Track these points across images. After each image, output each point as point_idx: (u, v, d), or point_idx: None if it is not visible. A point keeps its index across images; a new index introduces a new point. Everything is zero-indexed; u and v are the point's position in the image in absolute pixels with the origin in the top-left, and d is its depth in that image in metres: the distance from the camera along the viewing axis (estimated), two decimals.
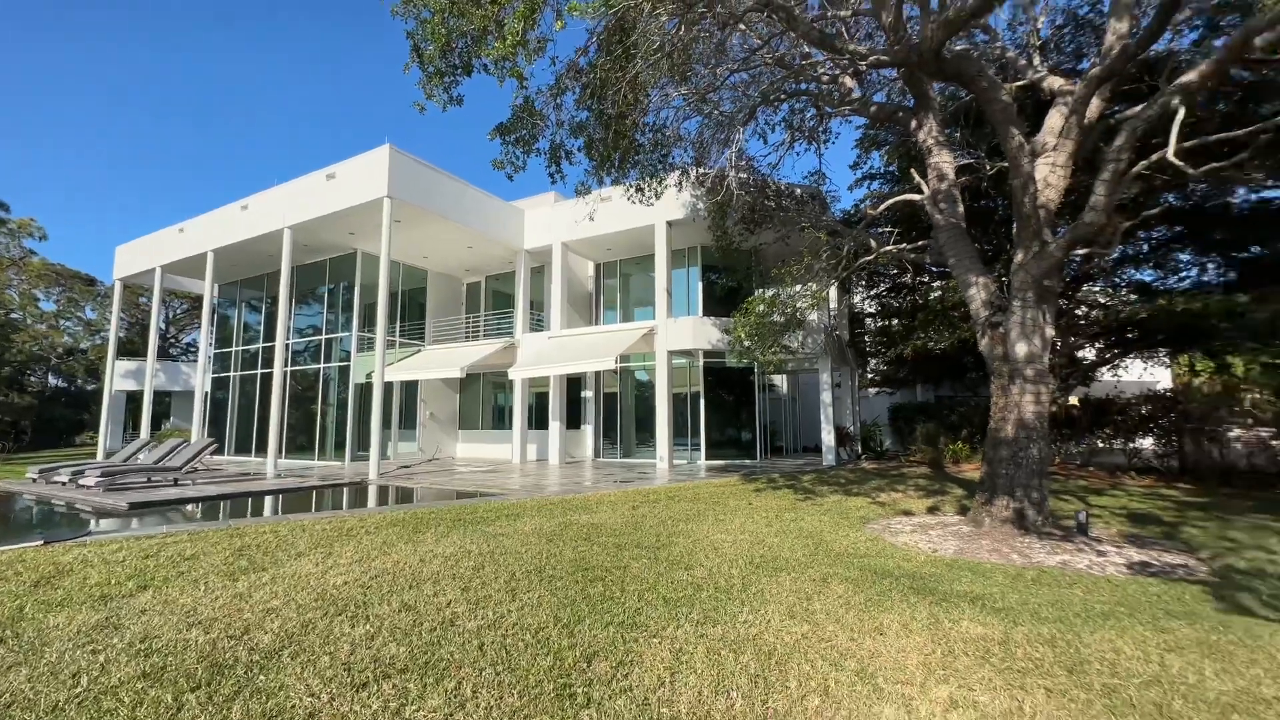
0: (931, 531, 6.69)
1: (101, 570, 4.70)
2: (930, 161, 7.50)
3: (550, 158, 8.17)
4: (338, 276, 17.71)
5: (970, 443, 15.26)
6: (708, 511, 7.78)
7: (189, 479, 11.55)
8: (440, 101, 6.52)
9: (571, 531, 6.35)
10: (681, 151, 10.29)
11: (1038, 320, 6.55)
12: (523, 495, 9.38)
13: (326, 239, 16.09)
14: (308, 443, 17.67)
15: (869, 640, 3.47)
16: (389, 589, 4.27)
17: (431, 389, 19.07)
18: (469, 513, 7.35)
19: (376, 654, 3.16)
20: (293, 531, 6.18)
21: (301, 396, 18.15)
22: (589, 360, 14.03)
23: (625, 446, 17.19)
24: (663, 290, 14.87)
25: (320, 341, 17.90)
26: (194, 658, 3.08)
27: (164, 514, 8.70)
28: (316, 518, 7.11)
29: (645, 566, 4.97)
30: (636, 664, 3.10)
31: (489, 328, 19.07)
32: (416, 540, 5.83)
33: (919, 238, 11.72)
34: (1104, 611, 4.00)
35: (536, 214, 17.30)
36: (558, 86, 7.35)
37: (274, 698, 2.70)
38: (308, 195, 14.62)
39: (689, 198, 13.27)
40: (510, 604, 3.98)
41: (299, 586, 4.30)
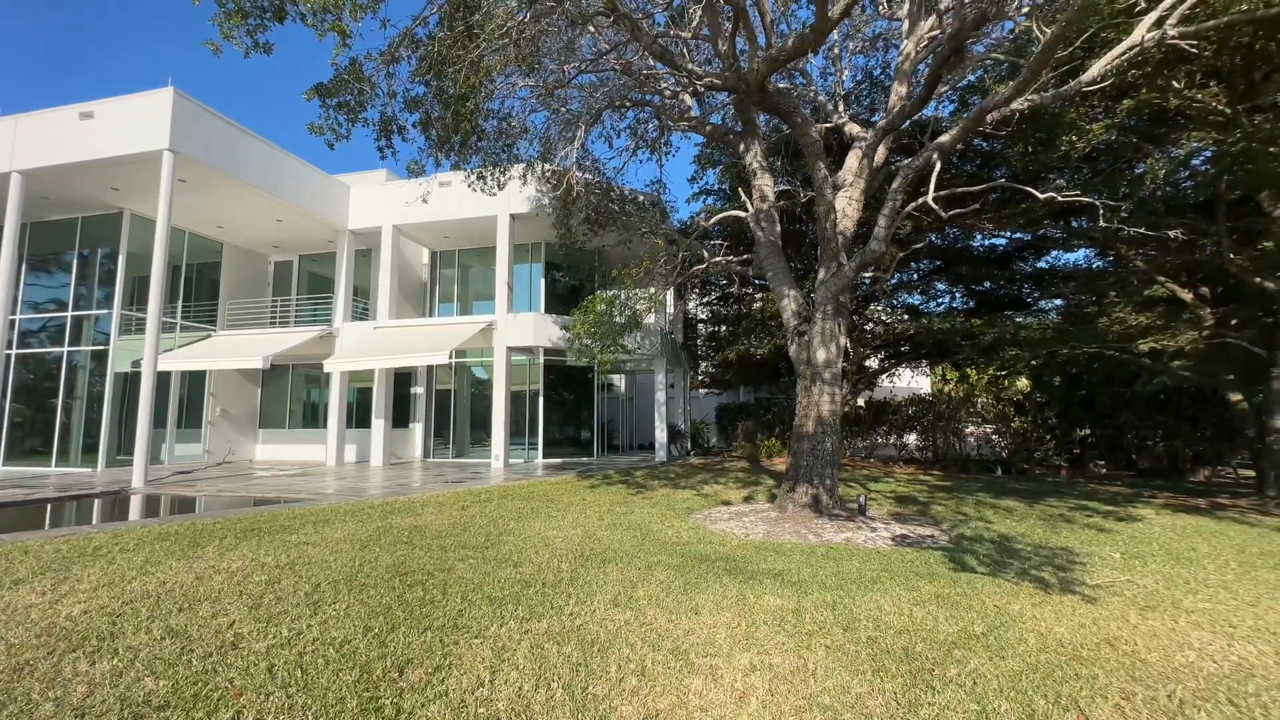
0: (745, 518, 7.37)
1: None
2: (754, 183, 8.29)
3: (380, 130, 7.49)
4: (94, 241, 14.36)
5: (782, 439, 17.15)
6: (541, 509, 7.73)
7: None
8: (242, 45, 5.60)
9: (390, 536, 5.88)
10: (527, 145, 10.12)
11: (834, 330, 7.57)
12: (336, 500, 8.47)
13: (78, 192, 12.99)
14: (44, 445, 14.06)
15: (685, 620, 3.71)
16: (149, 615, 3.57)
17: (225, 381, 16.35)
18: (266, 521, 6.44)
19: (125, 692, 2.62)
20: (7, 555, 4.87)
21: (35, 387, 14.40)
22: (421, 353, 13.13)
23: (459, 446, 16.39)
24: (504, 284, 14.47)
25: (66, 319, 14.37)
26: None
27: None
28: (48, 536, 5.70)
29: (472, 567, 4.78)
30: (455, 667, 2.97)
31: (302, 314, 16.93)
32: (193, 555, 4.95)
33: (745, 252, 12.89)
34: (872, 578, 4.75)
35: (365, 191, 15.76)
36: (390, 54, 6.76)
37: None
38: (52, 135, 11.65)
39: (534, 192, 13.09)
40: (311, 618, 3.56)
41: (13, 622, 3.41)
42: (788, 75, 10.48)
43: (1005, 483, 11.45)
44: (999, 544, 6.04)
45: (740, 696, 2.75)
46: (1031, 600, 4.19)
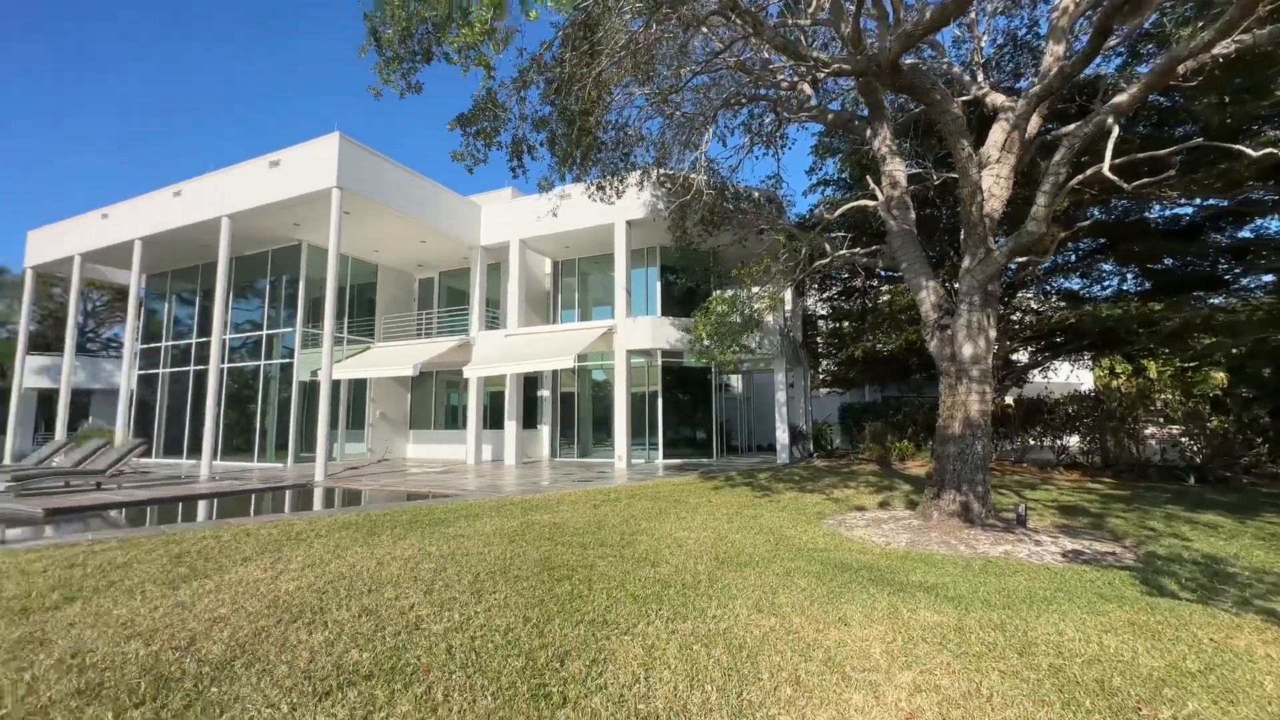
0: (884, 525, 6.94)
1: (19, 582, 4.31)
2: (884, 169, 7.79)
3: (512, 152, 8.03)
4: (280, 269, 16.85)
5: (915, 441, 15.95)
6: (669, 510, 7.83)
7: (114, 482, 10.76)
8: (398, 88, 6.30)
9: (534, 531, 6.26)
10: (643, 151, 10.33)
11: (982, 323, 6.90)
12: (480, 496, 9.19)
13: (268, 229, 15.31)
14: (246, 444, 16.75)
15: (834, 631, 3.57)
16: (346, 593, 4.10)
17: (382, 387, 18.43)
18: (426, 514, 7.14)
19: (339, 660, 3.03)
20: (236, 537, 5.84)
21: (239, 395, 17.19)
22: (546, 359, 13.88)
23: (582, 446, 17.09)
24: (622, 289, 14.87)
25: (261, 337, 17.01)
26: (135, 671, 2.87)
27: (86, 521, 8.06)
28: (261, 522, 6.75)
29: (612, 564, 4.96)
30: (610, 662, 3.09)
31: (443, 325, 18.59)
32: (372, 543, 5.62)
33: (870, 243, 12.17)
34: (1046, 597, 4.26)
35: (494, 210, 16.98)
36: (522, 80, 7.24)
37: (229, 710, 2.54)
38: (249, 182, 13.86)
39: (649, 197, 13.32)
40: (476, 605, 3.89)
41: (247, 593, 4.07)
42: (916, 50, 9.75)
43: (1201, 493, 9.74)
44: (1205, 566, 5.15)
45: (907, 718, 2.59)
46: (1261, 636, 3.53)
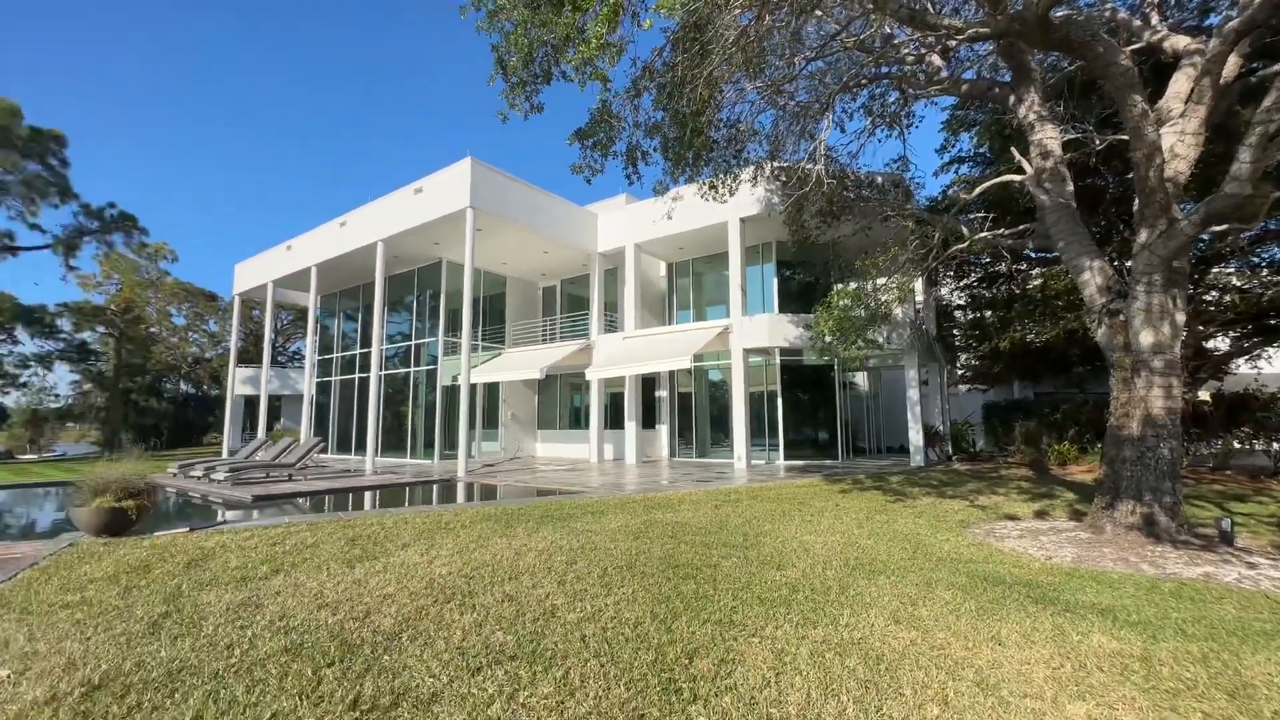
0: (1043, 537, 6.20)
1: (239, 555, 5.20)
2: (1033, 138, 6.96)
3: (627, 159, 8.27)
4: (424, 285, 18.74)
5: (1078, 442, 14.06)
6: (793, 512, 7.59)
7: (301, 474, 12.59)
8: (522, 110, 6.76)
9: (657, 529, 6.38)
10: (756, 146, 10.12)
11: (1166, 306, 5.92)
12: (604, 494, 9.53)
13: (414, 250, 17.07)
14: (399, 442, 18.81)
15: (986, 650, 3.25)
16: (490, 580, 4.45)
17: (512, 390, 19.78)
18: (555, 510, 7.55)
19: (486, 640, 3.31)
20: (396, 524, 6.58)
21: (393, 398, 19.34)
22: (663, 360, 14.07)
23: (700, 446, 17.10)
24: (737, 288, 14.68)
25: (409, 346, 19.02)
26: (326, 636, 3.35)
27: (282, 506, 9.51)
28: (415, 512, 7.54)
29: (736, 565, 4.92)
30: (739, 663, 3.07)
31: (565, 330, 19.55)
32: (510, 535, 6.05)
33: (1015, 222, 10.94)
34: (1266, 630, 3.56)
35: (609, 217, 17.56)
36: (635, 89, 7.43)
37: (399, 676, 2.88)
38: (398, 209, 15.57)
39: (763, 192, 13.03)
40: (606, 598, 4.04)
41: (409, 575, 4.57)
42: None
43: None
44: None
45: None
46: None
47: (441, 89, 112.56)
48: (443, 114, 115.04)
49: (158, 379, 34.31)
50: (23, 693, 2.73)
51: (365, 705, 2.61)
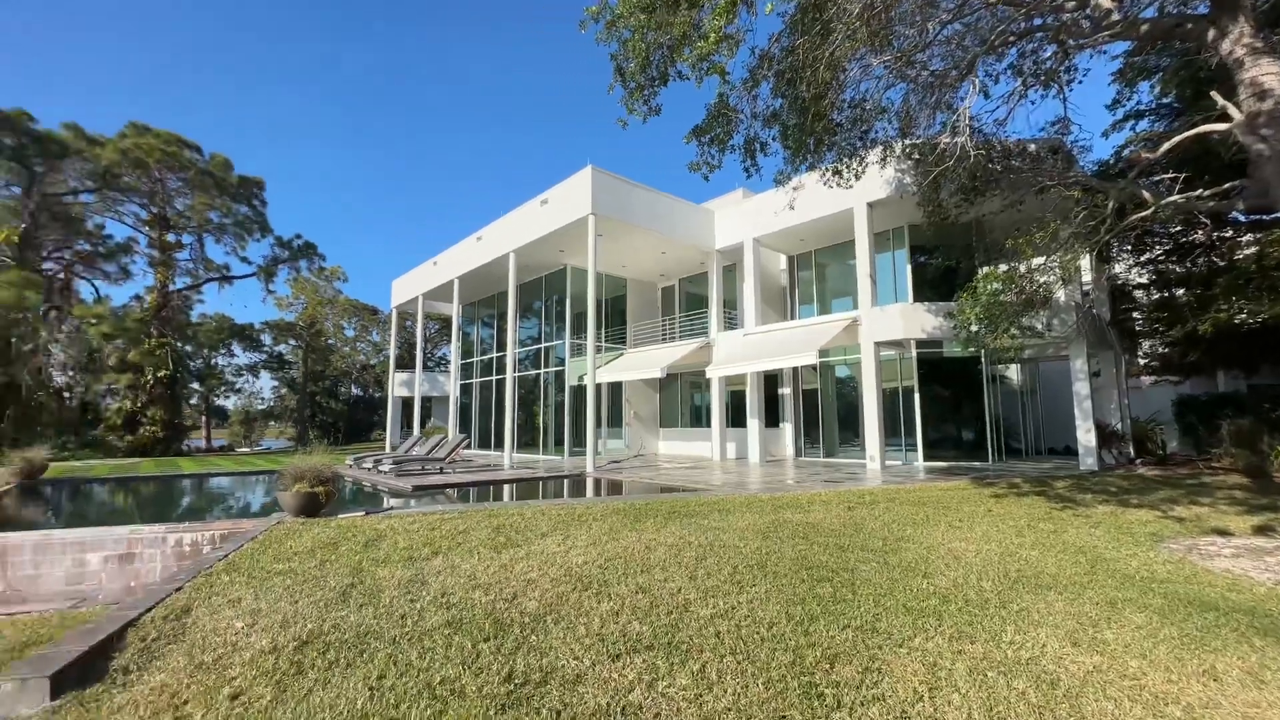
0: (1269, 557, 5.13)
1: (405, 538, 5.85)
2: (1242, 77, 5.78)
3: (745, 152, 8.12)
4: (550, 291, 19.83)
5: None
6: (938, 516, 6.99)
7: (450, 468, 13.89)
8: (641, 114, 6.91)
9: (786, 529, 6.20)
10: (884, 124, 9.45)
11: None
12: (727, 492, 9.44)
13: (542, 258, 18.12)
14: (531, 439, 20.07)
15: (1196, 685, 2.77)
16: (623, 571, 4.60)
17: (634, 389, 20.29)
18: (682, 506, 7.62)
19: (624, 629, 3.42)
20: (534, 515, 7.02)
21: (525, 399, 20.68)
22: (786, 356, 13.62)
23: (828, 445, 16.33)
24: (865, 278, 13.81)
25: (539, 349, 20.23)
26: (481, 614, 3.66)
27: (434, 495, 10.56)
28: (550, 504, 7.99)
29: (875, 570, 4.63)
30: (885, 674, 2.88)
31: (684, 329, 19.66)
32: (639, 529, 6.20)
33: (1216, 181, 9.18)
34: None
35: (726, 213, 17.37)
36: (752, 79, 7.27)
37: (546, 656, 3.07)
38: (526, 221, 16.63)
39: (893, 174, 12.14)
40: (738, 596, 4.00)
41: (548, 563, 4.86)
42: None
43: None
44: None
45: None
46: None
47: (557, 100, 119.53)
48: (564, 124, 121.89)
49: (335, 383, 39.73)
50: (253, 641, 3.29)
51: (518, 679, 2.82)
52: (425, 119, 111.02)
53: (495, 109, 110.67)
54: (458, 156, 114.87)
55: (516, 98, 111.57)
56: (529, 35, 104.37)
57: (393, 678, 2.85)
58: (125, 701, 2.74)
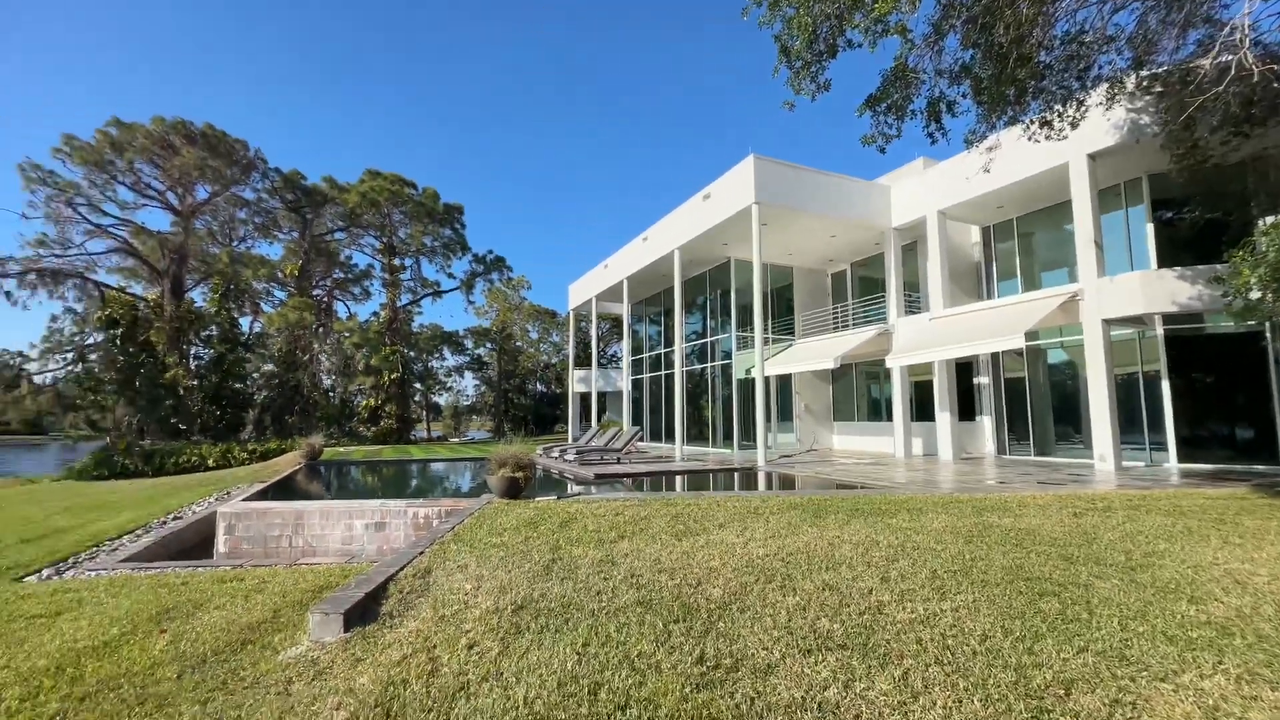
0: None
1: (593, 521, 6.32)
2: None
3: (928, 116, 7.32)
4: (715, 285, 19.89)
5: None
6: (1206, 530, 5.66)
7: (626, 459, 14.68)
8: (809, 93, 6.59)
9: (994, 534, 5.49)
10: (1110, 57, 7.87)
11: None
12: (916, 490, 8.64)
13: (705, 252, 18.26)
14: (700, 433, 20.33)
15: None
16: (806, 566, 4.46)
17: (804, 381, 19.53)
18: (865, 504, 7.15)
19: (813, 625, 3.32)
20: (710, 506, 7.12)
21: (693, 393, 21.02)
22: (983, 341, 12.02)
23: (1039, 442, 14.10)
24: (1087, 244, 11.62)
25: (704, 344, 20.42)
26: (669, 596, 3.82)
27: (613, 484, 11.23)
28: (724, 496, 8.04)
29: (1119, 589, 3.90)
30: (1144, 710, 2.43)
31: (858, 316, 18.40)
32: (820, 525, 5.97)
33: None
34: None
35: (903, 187, 15.86)
36: (936, 32, 6.53)
37: (735, 643, 3.10)
38: (690, 217, 16.88)
39: (1124, 115, 10.08)
40: (940, 603, 3.66)
41: (728, 553, 4.90)
42: None
43: None
44: None
45: None
46: None
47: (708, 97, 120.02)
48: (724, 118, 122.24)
49: (523, 381, 44.31)
50: (479, 601, 3.82)
51: (710, 663, 2.89)
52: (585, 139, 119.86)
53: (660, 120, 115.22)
54: (612, 168, 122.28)
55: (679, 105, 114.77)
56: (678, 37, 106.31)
57: (595, 646, 3.11)
58: (392, 640, 3.37)
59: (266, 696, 2.89)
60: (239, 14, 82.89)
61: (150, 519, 9.43)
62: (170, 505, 10.57)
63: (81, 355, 29.89)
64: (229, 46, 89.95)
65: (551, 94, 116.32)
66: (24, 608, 4.82)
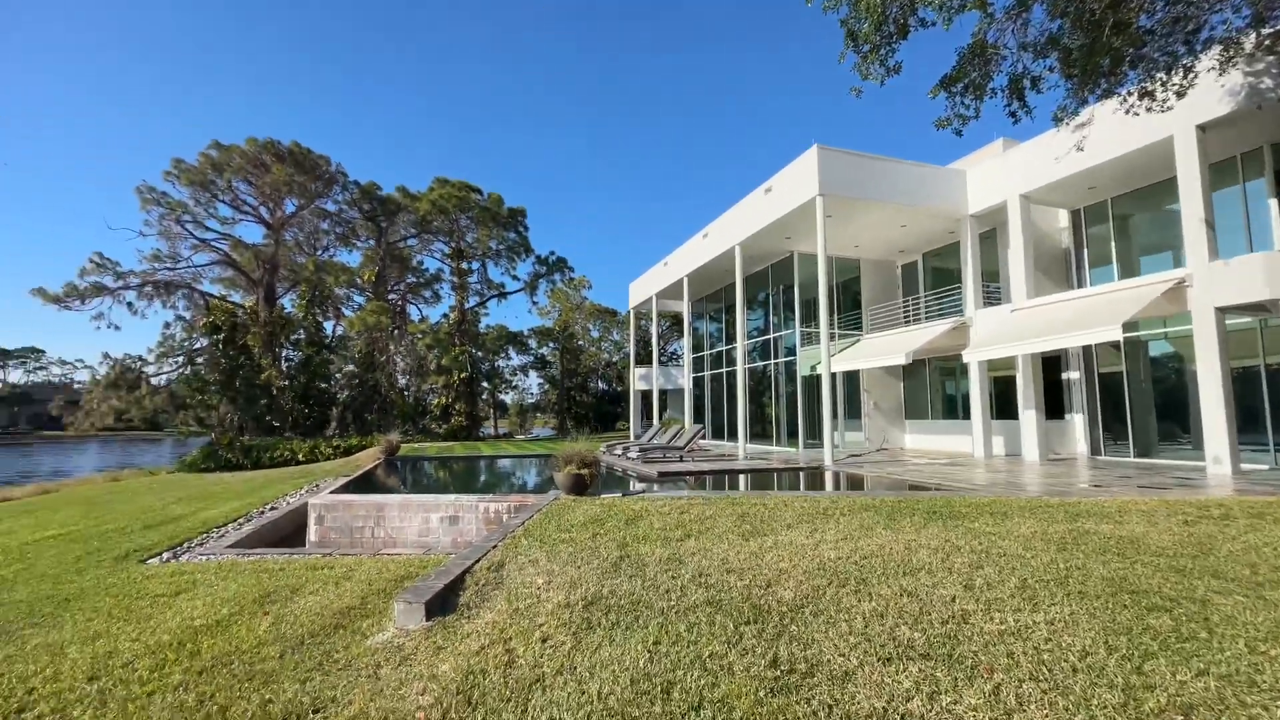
0: None
1: (659, 519, 6.34)
2: None
3: (1010, 93, 6.85)
4: (777, 280, 19.46)
5: None
6: None
7: (689, 456, 14.63)
8: (877, 77, 6.31)
9: (1091, 542, 5.09)
10: (1225, 15, 7.09)
11: None
12: (999, 493, 8.13)
13: (767, 247, 17.90)
14: (762, 431, 19.96)
15: None
16: (882, 571, 4.29)
17: (873, 378, 18.80)
18: (943, 506, 6.80)
19: (892, 632, 3.19)
20: (777, 505, 6.98)
21: (754, 390, 20.66)
22: (1076, 332, 11.14)
23: (1140, 442, 12.94)
24: (1197, 224, 10.53)
25: (767, 340, 20.03)
26: (738, 597, 3.77)
27: (676, 482, 11.22)
28: (791, 496, 7.86)
29: (1243, 606, 3.52)
30: None
31: (930, 309, 17.52)
32: (894, 527, 5.72)
33: None
34: None
35: (981, 171, 14.93)
36: (1020, 4, 6.10)
37: (810, 648, 3.02)
38: (751, 212, 16.59)
39: (1241, 80, 9.07)
40: (1031, 614, 3.42)
41: (798, 554, 4.78)
42: None
43: None
44: None
45: None
46: None
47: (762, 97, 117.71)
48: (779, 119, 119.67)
49: (585, 379, 45.01)
50: (551, 596, 3.90)
51: (784, 666, 2.83)
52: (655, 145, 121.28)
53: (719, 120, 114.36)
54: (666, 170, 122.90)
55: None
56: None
57: (666, 645, 3.11)
58: (470, 630, 3.50)
59: (358, 679, 3.07)
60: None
61: (250, 509, 10.23)
62: (267, 496, 11.44)
63: (190, 359, 32.85)
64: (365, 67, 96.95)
65: (616, 98, 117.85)
66: (149, 587, 5.35)
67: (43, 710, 3.01)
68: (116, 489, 15.06)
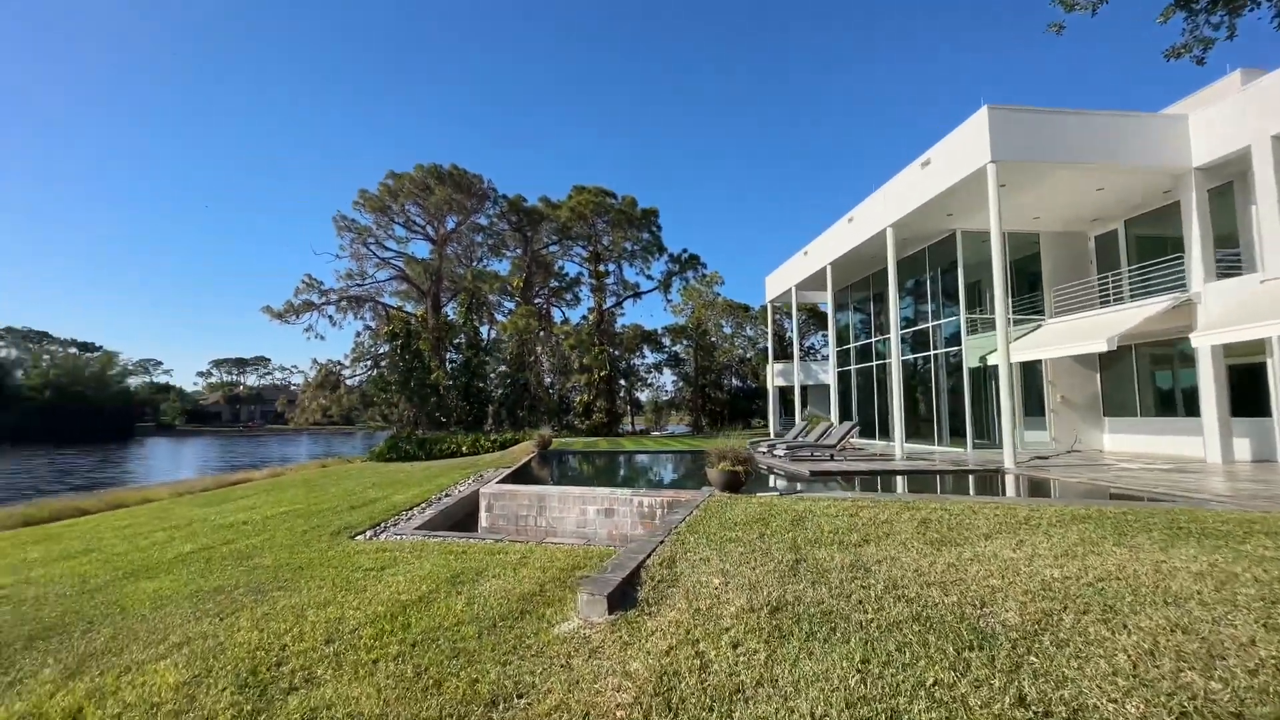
0: None
1: (827, 521, 5.89)
2: None
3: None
4: (935, 263, 17.59)
5: None
6: None
7: (840, 455, 13.73)
8: (1085, 6, 5.28)
9: None
10: None
11: None
12: (1262, 506, 6.48)
13: (923, 227, 16.25)
14: (918, 429, 18.17)
15: None
16: (1131, 598, 3.53)
17: (1059, 368, 16.28)
18: (1190, 520, 5.55)
19: (1175, 676, 2.56)
20: (964, 512, 6.17)
21: (908, 384, 18.88)
22: None
23: None
24: None
25: (925, 329, 18.21)
26: (950, 616, 3.30)
27: (827, 483, 10.51)
28: (978, 501, 6.94)
29: None
30: None
31: (1135, 286, 14.74)
32: (1129, 545, 4.75)
33: None
34: None
35: (1209, 113, 12.20)
36: None
37: (1064, 687, 2.52)
38: (905, 190, 15.16)
39: None
40: None
41: (1009, 570, 4.12)
42: None
43: None
44: None
45: None
46: None
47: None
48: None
49: (719, 376, 44.61)
50: (731, 598, 3.72)
51: (1035, 708, 2.37)
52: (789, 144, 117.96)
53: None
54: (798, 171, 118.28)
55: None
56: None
57: (877, 665, 2.78)
58: (654, 628, 3.43)
59: (552, 668, 3.12)
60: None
61: (429, 495, 11.37)
62: (442, 484, 12.65)
63: (376, 363, 37.83)
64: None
65: (743, 91, 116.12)
66: (360, 561, 6.05)
67: (295, 665, 3.44)
68: (326, 474, 17.63)
